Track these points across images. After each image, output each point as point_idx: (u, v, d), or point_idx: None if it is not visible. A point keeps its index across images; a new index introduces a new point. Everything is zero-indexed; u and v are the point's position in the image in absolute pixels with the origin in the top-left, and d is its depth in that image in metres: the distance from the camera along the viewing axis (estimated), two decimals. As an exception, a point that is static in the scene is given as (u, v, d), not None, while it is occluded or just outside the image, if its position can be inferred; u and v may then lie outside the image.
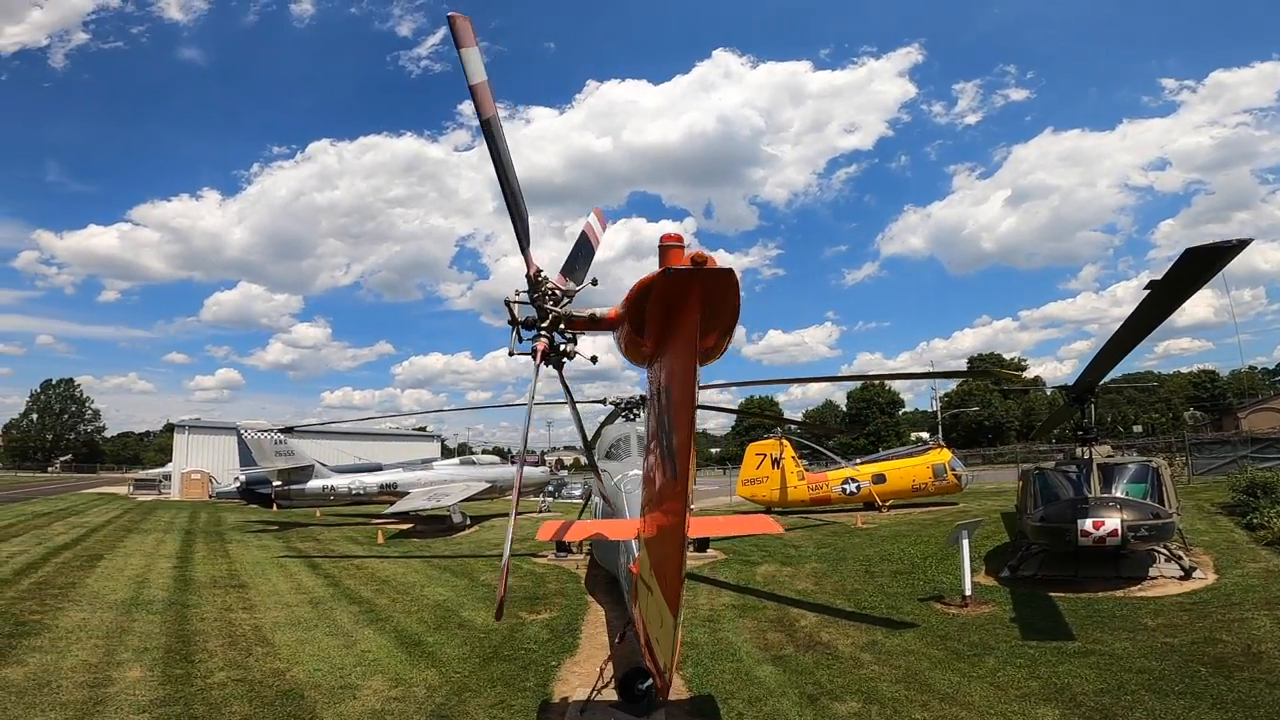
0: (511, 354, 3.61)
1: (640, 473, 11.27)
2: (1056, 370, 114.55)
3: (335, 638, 9.56)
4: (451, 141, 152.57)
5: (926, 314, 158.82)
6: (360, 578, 14.53)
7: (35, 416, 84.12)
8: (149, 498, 39.99)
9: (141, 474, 51.60)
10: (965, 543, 10.43)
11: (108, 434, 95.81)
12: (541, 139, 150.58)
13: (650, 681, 6.60)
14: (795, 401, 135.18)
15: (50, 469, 79.33)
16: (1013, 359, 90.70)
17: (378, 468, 28.14)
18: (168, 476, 44.11)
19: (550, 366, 3.87)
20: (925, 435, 30.61)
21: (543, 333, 3.66)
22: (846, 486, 24.87)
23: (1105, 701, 6.07)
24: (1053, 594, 10.32)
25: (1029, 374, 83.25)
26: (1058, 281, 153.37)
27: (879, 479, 24.39)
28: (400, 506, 23.07)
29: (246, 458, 24.92)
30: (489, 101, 3.68)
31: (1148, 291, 6.47)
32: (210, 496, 38.20)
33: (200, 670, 8.05)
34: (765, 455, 26.48)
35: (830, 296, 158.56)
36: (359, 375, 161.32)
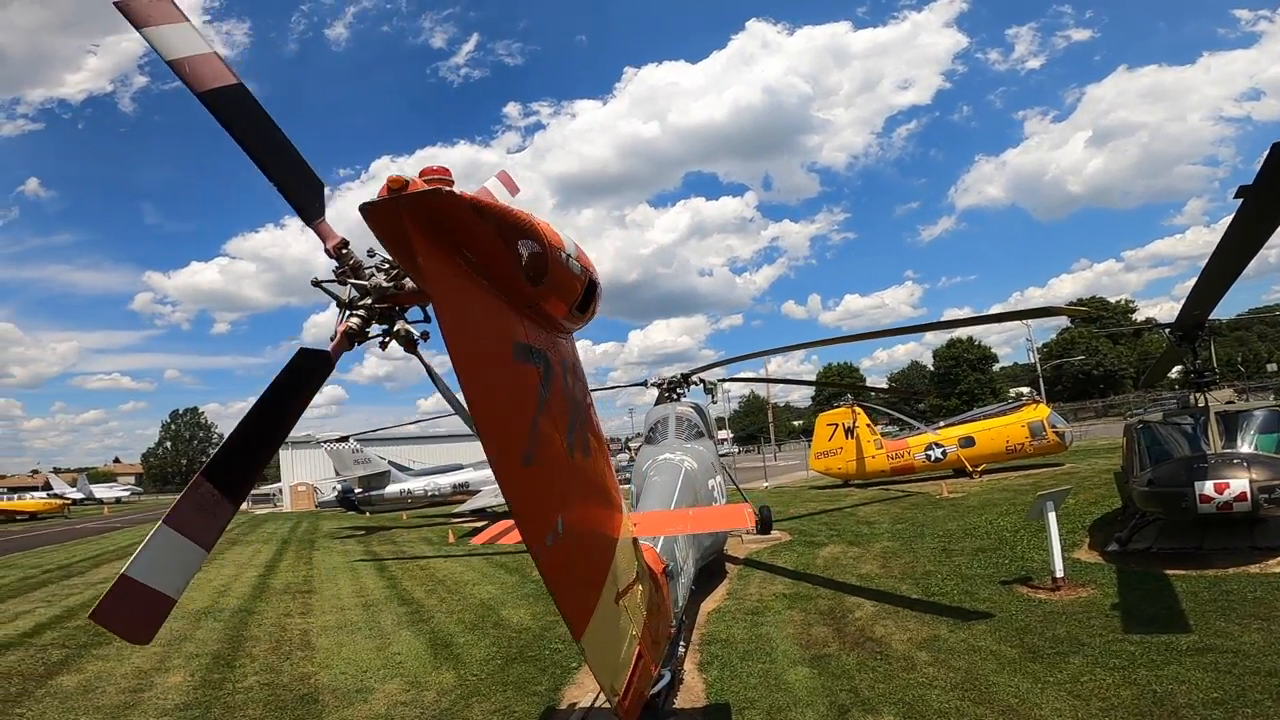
0: (334, 338, 3.01)
1: (669, 456, 10.57)
2: (1174, 311, 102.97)
3: (373, 640, 9.60)
4: (503, 144, 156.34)
5: (1016, 263, 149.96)
6: (419, 578, 14.71)
7: (169, 444, 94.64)
8: (264, 511, 43.48)
9: (257, 490, 56.20)
10: (1052, 515, 8.91)
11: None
12: (589, 131, 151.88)
13: (660, 687, 5.96)
14: (879, 365, 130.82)
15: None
16: (1119, 301, 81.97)
17: (458, 468, 28.90)
18: (280, 490, 47.79)
19: (407, 351, 3.22)
20: (1025, 390, 27.75)
21: (355, 312, 3.03)
22: (930, 453, 22.93)
23: (1216, 716, 4.74)
24: (1170, 571, 8.66)
25: (1139, 316, 74.58)
26: (1161, 218, 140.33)
27: (967, 442, 22.27)
28: (469, 505, 23.51)
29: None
30: (215, 71, 3.16)
31: (1240, 200, 5.08)
32: (315, 506, 41.00)
33: (236, 674, 8.37)
34: (837, 425, 24.95)
35: (907, 255, 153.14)
36: (448, 381, 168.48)
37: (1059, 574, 8.66)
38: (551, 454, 2.60)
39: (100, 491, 63.14)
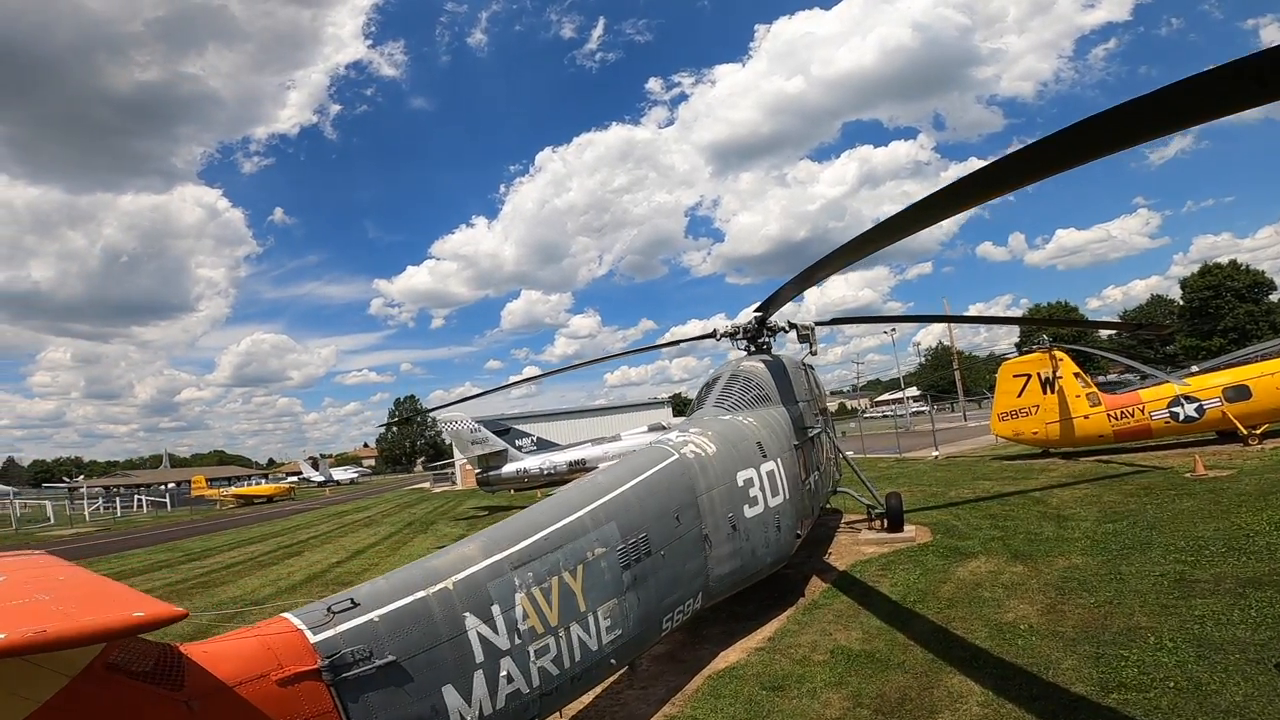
0: None
1: (666, 439, 7.14)
2: None
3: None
4: (652, 120, 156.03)
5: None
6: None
7: (394, 430, 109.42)
8: (440, 489, 47.03)
9: (439, 469, 61.59)
10: None
11: (446, 437, 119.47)
12: (733, 95, 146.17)
13: None
14: (1110, 305, 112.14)
15: (414, 469, 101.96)
16: None
17: (578, 445, 27.58)
18: (454, 469, 51.46)
19: None
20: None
21: None
22: (1178, 410, 15.87)
23: None
24: None
25: None
26: None
27: (1238, 394, 14.92)
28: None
29: None
30: None
31: None
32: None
33: None
34: (1029, 376, 18.72)
35: (1134, 181, 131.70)
36: (631, 354, 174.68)
37: None
38: None
39: (338, 474, 74.73)
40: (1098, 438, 17.34)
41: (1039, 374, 18.46)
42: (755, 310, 10.38)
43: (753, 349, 10.74)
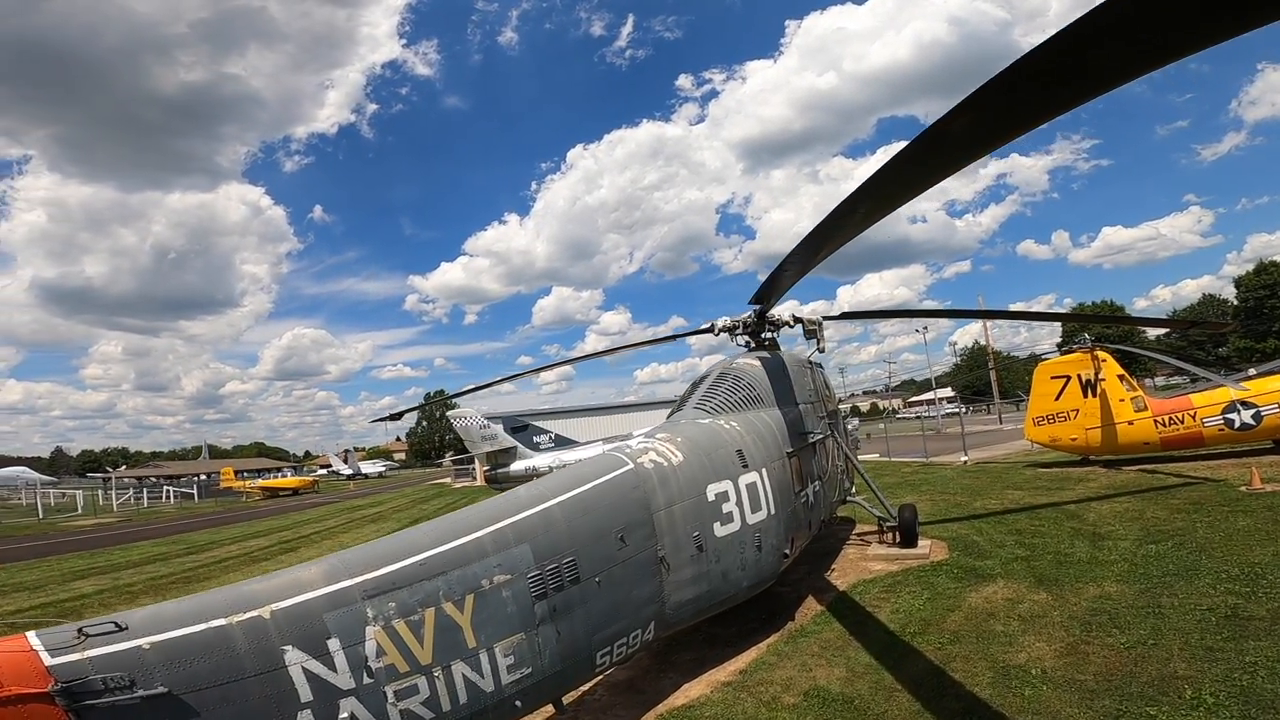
0: None
1: (623, 446, 6.32)
2: None
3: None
4: (683, 116, 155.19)
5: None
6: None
7: (425, 424, 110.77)
8: (460, 484, 47.02)
9: (461, 464, 61.58)
10: None
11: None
12: (764, 91, 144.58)
13: None
14: (1159, 305, 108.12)
15: (442, 464, 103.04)
16: None
17: (590, 443, 27.03)
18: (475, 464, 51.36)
19: None
20: None
21: None
22: (1233, 416, 14.39)
23: None
24: None
25: None
26: None
27: (1303, 399, 13.41)
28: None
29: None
30: None
31: None
32: (494, 480, 42.80)
33: None
34: (1069, 377, 17.31)
35: (1185, 178, 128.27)
36: (662, 351, 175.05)
37: None
38: None
39: (366, 467, 75.77)
40: (1143, 445, 15.90)
41: (1079, 375, 17.05)
42: (752, 301, 9.35)
43: (753, 344, 9.83)
